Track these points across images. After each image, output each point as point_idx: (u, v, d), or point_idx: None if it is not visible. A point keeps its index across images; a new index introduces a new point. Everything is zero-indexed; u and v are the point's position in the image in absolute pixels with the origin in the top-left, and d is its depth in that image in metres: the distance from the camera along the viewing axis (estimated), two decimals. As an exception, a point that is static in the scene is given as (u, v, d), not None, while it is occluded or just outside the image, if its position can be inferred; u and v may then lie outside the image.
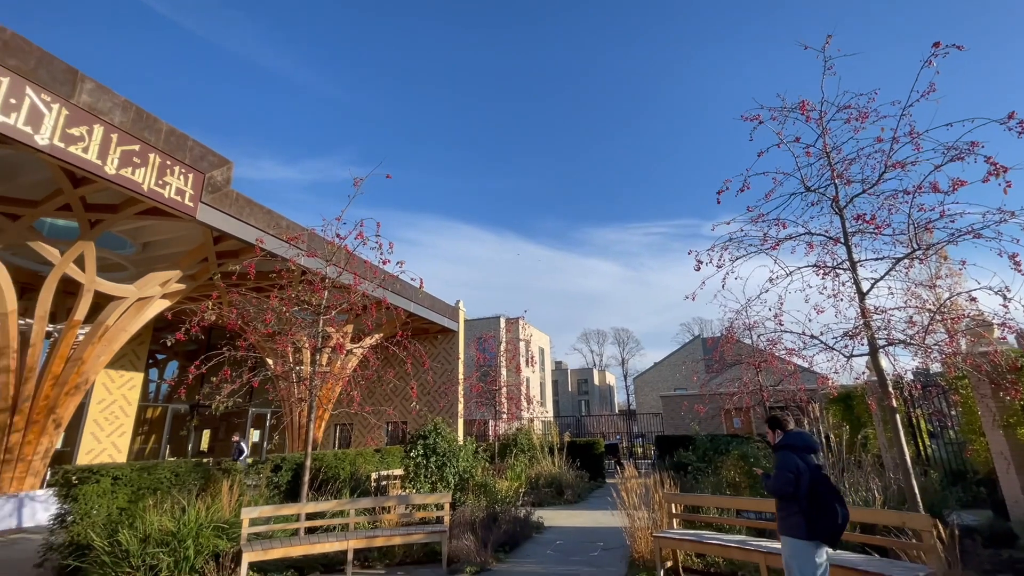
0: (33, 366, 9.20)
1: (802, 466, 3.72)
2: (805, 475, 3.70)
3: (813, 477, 3.71)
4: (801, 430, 4.06)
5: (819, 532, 3.60)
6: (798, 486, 3.68)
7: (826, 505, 3.61)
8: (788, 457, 3.79)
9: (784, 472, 3.74)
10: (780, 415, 4.24)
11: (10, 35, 6.69)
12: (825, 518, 3.59)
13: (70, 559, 5.48)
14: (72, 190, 8.43)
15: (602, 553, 6.87)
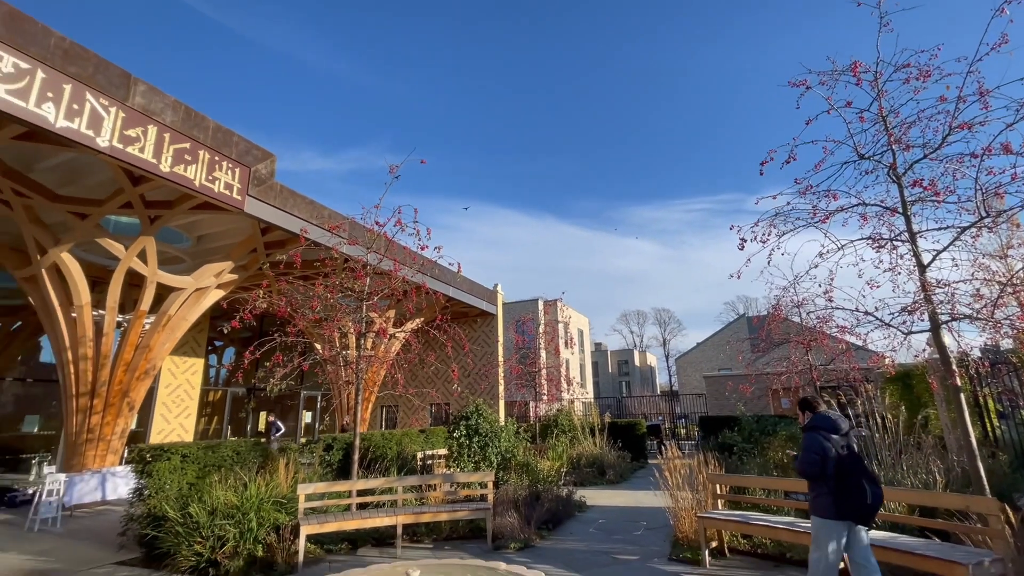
0: (107, 353, 9.97)
1: (828, 447, 3.80)
2: (832, 456, 3.77)
3: (840, 458, 3.77)
4: (829, 412, 4.08)
5: (847, 512, 3.67)
6: (824, 467, 3.76)
7: (854, 485, 3.68)
8: (814, 439, 3.87)
9: (809, 454, 3.83)
10: (811, 397, 4.29)
11: (69, 43, 7.10)
12: (853, 498, 3.66)
13: (148, 529, 5.98)
14: (132, 188, 8.96)
15: (645, 532, 6.89)
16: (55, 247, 9.43)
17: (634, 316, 73.81)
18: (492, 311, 20.27)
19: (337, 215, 11.52)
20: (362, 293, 7.69)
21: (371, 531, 6.55)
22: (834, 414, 4.05)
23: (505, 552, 6.00)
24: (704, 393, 22.77)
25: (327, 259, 7.91)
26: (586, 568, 5.39)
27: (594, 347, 60.04)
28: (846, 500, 3.69)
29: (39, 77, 6.66)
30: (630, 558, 5.75)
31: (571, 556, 5.86)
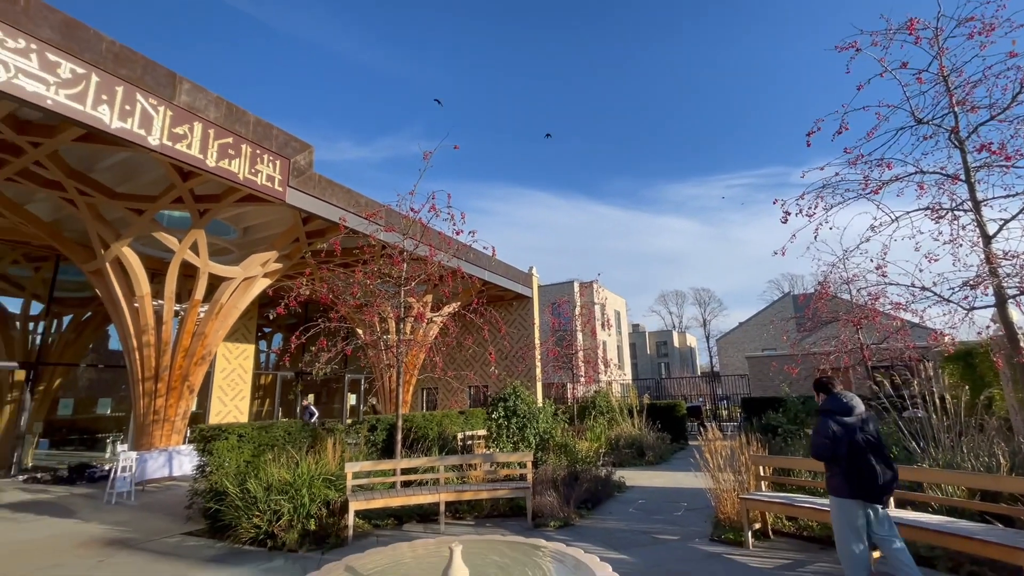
0: (167, 340, 10.62)
1: (838, 430, 3.87)
2: (843, 438, 3.85)
3: (853, 439, 3.84)
4: (843, 393, 4.11)
5: (860, 491, 3.76)
6: (836, 449, 3.84)
7: (866, 465, 3.77)
8: (824, 422, 3.95)
9: (819, 437, 3.93)
10: (827, 378, 4.31)
11: (119, 47, 7.45)
12: (865, 478, 3.75)
13: (211, 503, 6.41)
14: (182, 184, 9.41)
15: (686, 513, 6.85)
16: (116, 242, 10.05)
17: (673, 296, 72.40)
18: (527, 294, 20.30)
19: (374, 203, 11.75)
20: (400, 279, 7.85)
21: (415, 508, 6.79)
22: (847, 395, 4.07)
23: (545, 530, 6.11)
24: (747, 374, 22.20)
25: (365, 246, 8.11)
26: (626, 547, 5.43)
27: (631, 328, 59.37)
28: (858, 480, 3.77)
29: (94, 81, 7.03)
30: (670, 538, 5.75)
31: (611, 535, 5.91)
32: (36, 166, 8.74)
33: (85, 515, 7.61)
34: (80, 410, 15.80)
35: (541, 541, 3.32)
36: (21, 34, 6.35)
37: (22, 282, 13.69)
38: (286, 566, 5.10)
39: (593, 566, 2.76)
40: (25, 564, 5.34)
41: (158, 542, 6.10)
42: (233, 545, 5.83)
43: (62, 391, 14.85)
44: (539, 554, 3.15)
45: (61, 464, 12.18)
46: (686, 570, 4.71)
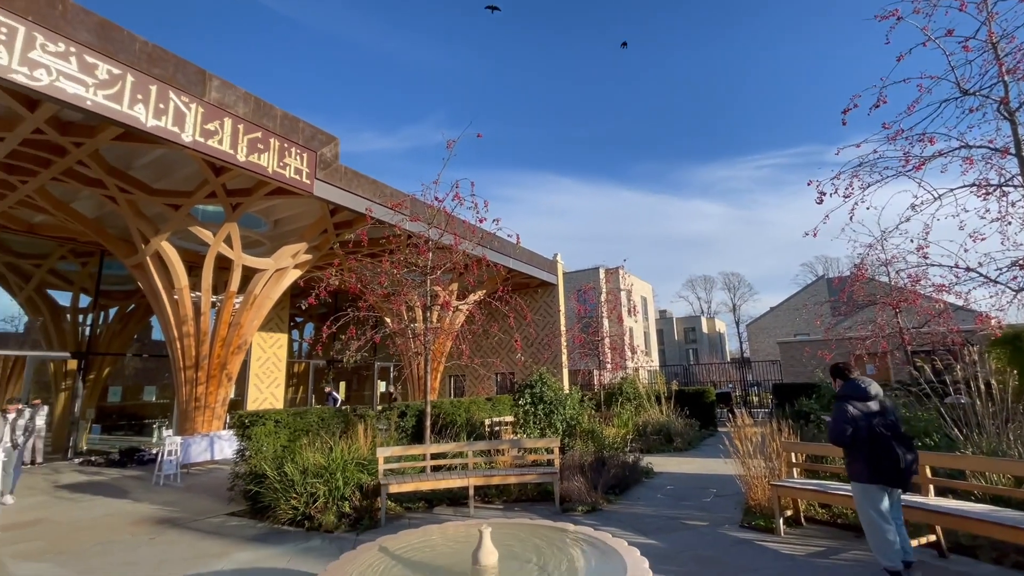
0: (206, 331, 11.05)
1: (857, 415, 3.91)
2: (862, 423, 3.88)
3: (872, 424, 3.88)
4: (860, 379, 4.13)
5: (882, 476, 3.81)
6: (855, 434, 3.88)
7: (886, 450, 3.81)
8: (842, 408, 3.98)
9: (836, 423, 3.97)
10: (843, 364, 4.36)
11: (152, 47, 7.67)
12: (885, 462, 3.80)
13: (251, 485, 6.70)
14: (214, 179, 9.69)
15: (715, 499, 6.81)
16: (155, 236, 10.45)
17: (701, 282, 71.05)
18: (552, 281, 20.25)
19: (399, 193, 11.86)
20: (425, 268, 7.94)
21: (445, 492, 6.94)
22: (864, 381, 4.08)
23: (573, 515, 6.17)
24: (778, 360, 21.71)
25: (391, 236, 8.21)
26: (655, 532, 5.44)
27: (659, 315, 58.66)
28: (878, 464, 3.82)
29: (129, 81, 7.27)
30: (700, 524, 5.73)
31: (639, 520, 5.93)
32: (79, 165, 9.13)
33: (136, 496, 8.07)
34: (128, 397, 16.66)
35: (569, 525, 3.36)
36: (61, 38, 6.60)
37: (71, 276, 14.41)
38: (323, 546, 5.31)
39: (621, 550, 2.78)
40: (86, 540, 5.71)
41: (203, 521, 6.42)
42: (273, 525, 6.09)
43: (111, 379, 15.66)
44: (567, 538, 3.20)
45: (112, 448, 12.90)
46: (716, 555, 4.69)
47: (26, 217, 12.15)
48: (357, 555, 2.90)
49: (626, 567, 2.52)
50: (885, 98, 4.85)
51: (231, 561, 4.89)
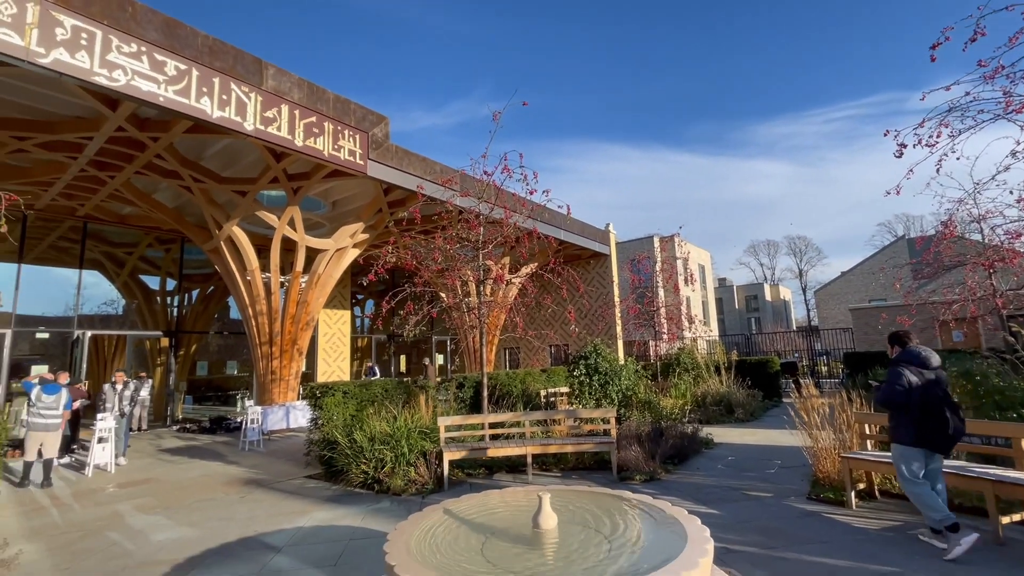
0: (276, 309, 11.81)
1: (913, 380, 4.02)
2: (917, 389, 4.00)
3: (926, 391, 3.99)
4: (918, 347, 4.25)
5: (928, 441, 3.98)
6: (908, 399, 4.00)
7: (937, 416, 3.93)
8: (897, 372, 4.10)
9: (891, 386, 4.09)
10: (902, 331, 4.45)
11: (213, 40, 8.04)
12: (934, 428, 3.94)
13: (325, 451, 7.22)
14: (275, 165, 10.16)
15: (780, 471, 6.61)
16: (227, 222, 11.17)
17: (764, 247, 67.41)
18: (605, 251, 19.91)
19: (448, 169, 11.96)
20: (477, 242, 8.03)
21: (504, 459, 7.17)
22: (923, 349, 4.19)
23: (630, 483, 6.21)
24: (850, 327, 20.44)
25: (443, 212, 8.33)
26: (716, 503, 5.38)
27: (718, 283, 56.48)
28: (927, 430, 3.96)
29: (194, 75, 7.68)
30: (763, 495, 5.60)
31: (699, 490, 5.88)
32: (157, 158, 9.84)
33: (226, 459, 8.90)
34: (213, 371, 18.23)
35: (627, 493, 3.38)
36: (133, 38, 7.05)
37: (157, 262, 15.75)
38: (392, 507, 5.66)
39: (681, 519, 2.78)
40: (187, 498, 6.40)
41: (285, 483, 7.01)
42: (346, 488, 6.56)
43: (198, 355, 17.18)
44: (625, 505, 3.23)
45: (203, 417, 14.23)
46: (781, 527, 4.59)
47: (116, 209, 13.32)
48: (424, 516, 3.08)
49: (687, 535, 2.52)
50: (983, 30, 4.29)
51: (311, 519, 5.33)
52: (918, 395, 3.99)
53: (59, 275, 13.43)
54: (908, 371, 4.06)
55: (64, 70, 6.39)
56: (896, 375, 4.08)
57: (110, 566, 4.26)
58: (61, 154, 9.37)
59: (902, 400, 4.01)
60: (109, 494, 6.73)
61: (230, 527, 5.14)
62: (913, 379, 4.02)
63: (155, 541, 4.83)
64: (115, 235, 14.52)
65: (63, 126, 8.67)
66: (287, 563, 4.17)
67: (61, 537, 5.07)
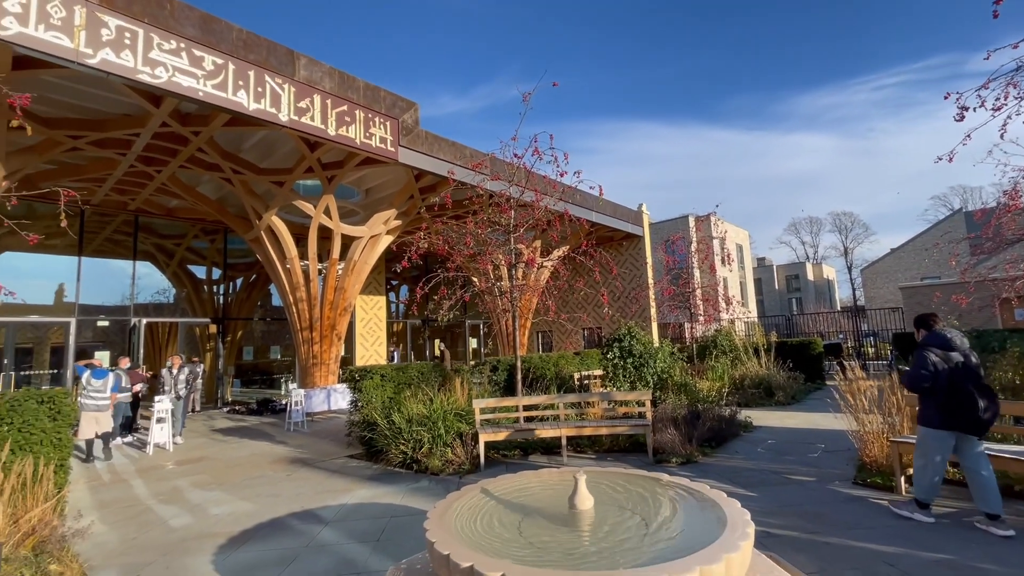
0: (315, 295, 12.18)
1: (939, 363, 4.05)
2: (943, 371, 4.02)
3: (954, 373, 4.00)
4: (945, 330, 4.23)
5: (958, 423, 3.97)
6: (935, 381, 4.03)
7: (967, 398, 3.92)
8: (923, 356, 4.12)
9: (917, 370, 4.12)
10: (928, 315, 4.46)
11: (247, 34, 8.21)
12: (965, 410, 3.92)
13: (365, 432, 7.46)
14: (310, 154, 10.38)
15: (823, 455, 6.43)
16: (266, 212, 11.53)
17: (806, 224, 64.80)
18: (638, 233, 19.55)
19: (478, 153, 11.93)
20: (508, 226, 8.01)
21: (539, 441, 7.24)
22: (949, 332, 4.17)
23: (667, 466, 6.16)
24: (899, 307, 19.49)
25: (474, 197, 8.34)
26: (755, 486, 5.28)
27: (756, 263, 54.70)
28: (957, 412, 3.96)
29: (231, 69, 7.88)
30: (806, 479, 5.47)
31: (737, 473, 5.79)
32: (199, 152, 10.20)
33: (272, 439, 9.33)
34: (258, 356, 19.06)
35: (663, 475, 3.36)
36: (172, 35, 7.27)
37: (203, 252, 16.45)
38: (431, 486, 5.82)
39: (720, 501, 2.74)
40: (239, 475, 6.76)
41: (328, 462, 7.30)
42: (386, 467, 6.77)
43: (243, 340, 17.96)
44: (662, 487, 3.21)
45: (250, 399, 14.94)
46: (824, 511, 4.47)
47: (164, 202, 13.94)
48: (462, 495, 3.15)
49: (726, 518, 2.48)
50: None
51: (354, 496, 5.54)
52: (944, 378, 4.02)
53: (115, 266, 14.23)
54: (933, 354, 4.10)
55: (110, 69, 6.66)
56: (922, 359, 4.13)
57: (172, 537, 4.57)
58: (112, 151, 9.84)
59: (928, 383, 4.06)
60: (168, 471, 7.18)
61: (279, 503, 5.41)
62: (939, 362, 4.05)
63: (212, 515, 5.13)
64: (164, 227, 15.23)
65: (112, 124, 9.09)
66: (333, 537, 4.36)
67: (127, 510, 5.45)
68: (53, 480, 4.40)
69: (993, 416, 3.91)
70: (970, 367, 4.04)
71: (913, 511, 4.18)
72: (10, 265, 12.49)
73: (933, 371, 4.04)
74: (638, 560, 2.20)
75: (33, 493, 4.17)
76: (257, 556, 4.05)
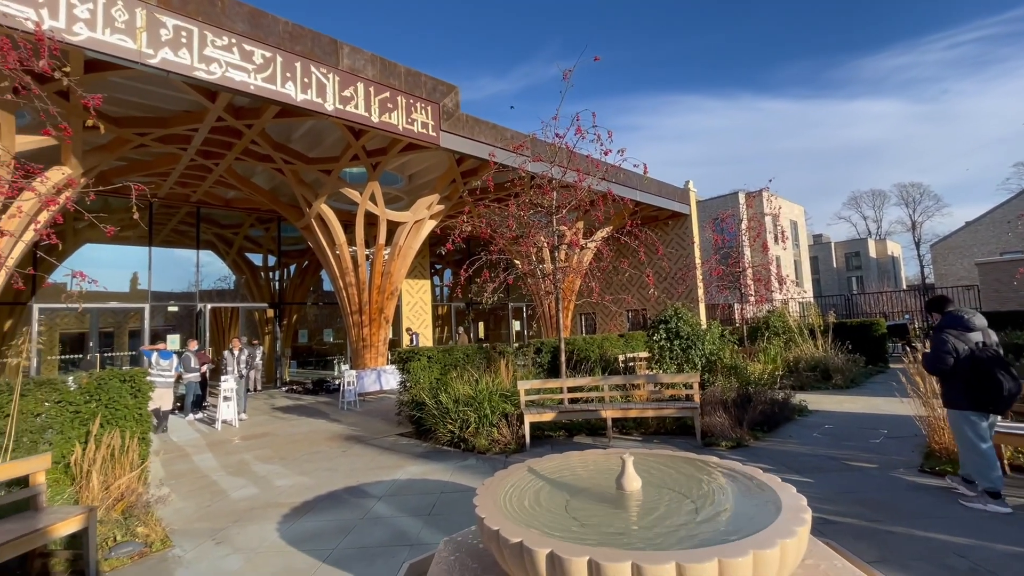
0: (364, 280, 12.57)
1: (959, 346, 4.08)
2: (964, 353, 4.05)
3: (974, 354, 4.04)
4: (961, 311, 4.26)
5: (981, 403, 4.00)
6: (956, 364, 4.06)
7: (990, 378, 3.95)
8: (941, 338, 4.16)
9: (937, 352, 4.16)
10: (940, 297, 4.48)
11: (292, 26, 8.42)
12: (988, 390, 3.95)
13: (413, 411, 7.71)
14: (355, 142, 10.61)
15: (886, 441, 6.11)
16: (316, 200, 11.94)
17: (868, 198, 60.53)
18: (685, 211, 18.93)
19: (519, 135, 11.83)
20: (551, 207, 7.94)
21: (583, 422, 7.25)
22: (966, 313, 4.20)
23: (716, 449, 6.04)
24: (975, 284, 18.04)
25: (515, 179, 8.30)
26: (810, 472, 5.10)
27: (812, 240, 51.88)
28: (980, 392, 3.98)
29: (279, 62, 8.13)
30: (866, 466, 5.22)
31: (791, 458, 5.60)
32: (252, 144, 10.64)
33: (328, 417, 9.81)
34: (312, 338, 19.96)
35: (713, 458, 3.29)
36: (224, 32, 7.56)
37: (259, 241, 17.28)
38: (477, 464, 5.97)
39: (774, 485, 2.66)
40: (299, 450, 7.17)
41: (380, 440, 7.61)
42: (434, 445, 6.99)
43: (298, 324, 18.84)
44: (712, 470, 3.14)
45: (306, 379, 15.71)
46: (887, 500, 4.27)
47: (222, 194, 14.68)
48: (509, 473, 3.21)
49: (780, 502, 2.41)
50: None
51: (405, 472, 5.76)
52: (965, 359, 4.05)
53: (181, 255, 15.18)
54: (951, 336, 4.13)
55: (170, 68, 7.02)
56: (940, 341, 4.15)
57: (241, 506, 4.92)
58: (174, 146, 10.42)
59: (948, 366, 4.10)
60: (235, 445, 7.71)
61: (336, 477, 5.71)
62: (958, 344, 4.09)
63: (276, 486, 5.49)
64: (223, 217, 16.08)
65: (174, 120, 9.60)
66: (387, 511, 4.57)
67: (200, 480, 5.91)
68: (137, 451, 4.82)
69: (1016, 394, 3.92)
70: (989, 346, 4.08)
71: (986, 502, 3.97)
72: (90, 256, 13.56)
73: (953, 353, 4.08)
74: (689, 543, 2.18)
75: (120, 463, 4.58)
76: (318, 525, 4.31)
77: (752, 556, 1.90)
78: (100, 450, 4.47)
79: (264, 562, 3.68)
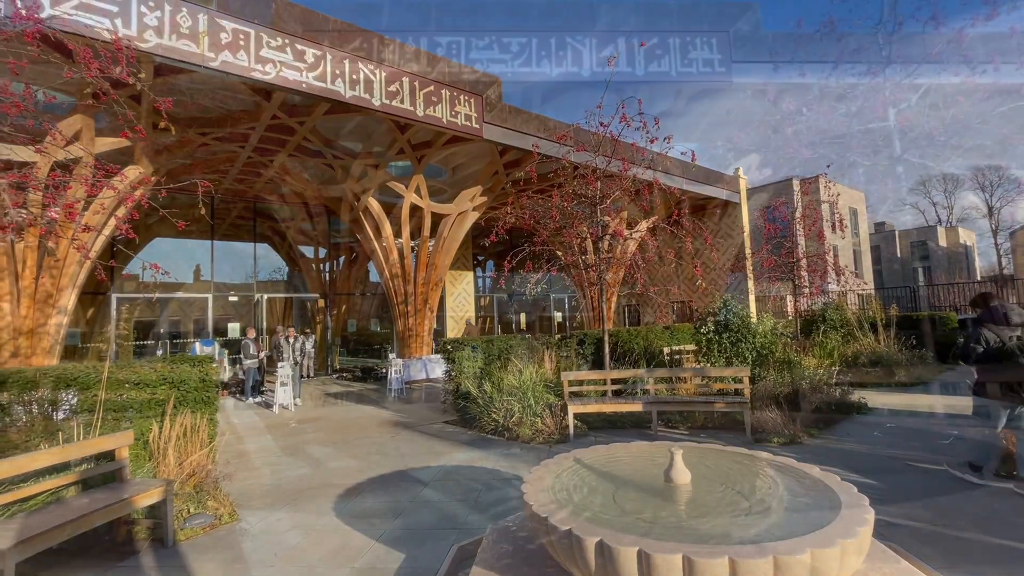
0: (409, 271, 12.88)
1: (992, 338, 4.30)
2: (994, 345, 4.27)
3: (1005, 346, 4.23)
4: (1000, 305, 4.42)
5: (1011, 395, 4.21)
6: (985, 355, 4.29)
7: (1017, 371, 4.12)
8: (976, 330, 4.42)
9: (969, 342, 4.43)
10: (986, 292, 4.68)
11: (341, 24, 8.66)
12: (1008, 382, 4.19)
13: (459, 400, 7.87)
14: (400, 136, 10.83)
15: (956, 442, 5.73)
16: (363, 194, 12.29)
17: (938, 182, 56.11)
18: (734, 199, 18.24)
19: (562, 125, 11.72)
20: (594, 198, 7.85)
21: (628, 415, 7.19)
22: (1008, 307, 4.38)
23: (767, 445, 5.85)
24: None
25: (558, 170, 8.25)
26: (870, 472, 4.86)
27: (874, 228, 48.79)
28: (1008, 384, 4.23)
29: (328, 60, 8.39)
30: (932, 467, 4.92)
31: (848, 457, 5.36)
32: (304, 140, 11.06)
33: (376, 403, 10.17)
34: (360, 328, 20.67)
35: (766, 454, 3.20)
36: (278, 33, 7.87)
37: (310, 234, 17.98)
38: (522, 453, 6.05)
39: (832, 484, 2.57)
40: (351, 434, 7.49)
41: (427, 427, 7.83)
42: (480, 433, 7.12)
43: (347, 314, 19.54)
44: (765, 466, 3.06)
45: (355, 367, 16.31)
46: (955, 503, 4.02)
47: (275, 189, 15.36)
48: (555, 462, 3.24)
49: (839, 502, 2.33)
50: None
51: (451, 459, 5.92)
52: (997, 351, 4.27)
53: (239, 248, 16.06)
54: (987, 329, 4.37)
55: (230, 69, 7.39)
56: (976, 334, 4.42)
57: (300, 484, 5.20)
58: (233, 144, 10.98)
59: (979, 357, 4.34)
60: (292, 428, 8.13)
61: (385, 461, 5.93)
62: (992, 336, 4.31)
63: (330, 467, 5.76)
64: (277, 212, 16.83)
65: (233, 120, 10.11)
66: (435, 496, 4.71)
67: (261, 459, 6.28)
68: (206, 431, 5.18)
69: None
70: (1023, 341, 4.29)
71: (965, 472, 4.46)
72: (159, 249, 14.57)
73: (985, 345, 4.32)
74: (742, 538, 2.15)
75: (191, 442, 4.94)
76: (371, 505, 4.50)
77: (810, 555, 1.85)
78: (174, 429, 4.83)
79: (322, 538, 3.89)
